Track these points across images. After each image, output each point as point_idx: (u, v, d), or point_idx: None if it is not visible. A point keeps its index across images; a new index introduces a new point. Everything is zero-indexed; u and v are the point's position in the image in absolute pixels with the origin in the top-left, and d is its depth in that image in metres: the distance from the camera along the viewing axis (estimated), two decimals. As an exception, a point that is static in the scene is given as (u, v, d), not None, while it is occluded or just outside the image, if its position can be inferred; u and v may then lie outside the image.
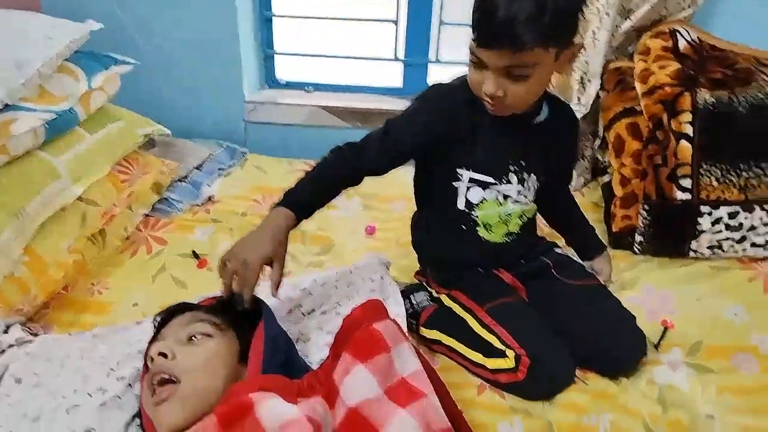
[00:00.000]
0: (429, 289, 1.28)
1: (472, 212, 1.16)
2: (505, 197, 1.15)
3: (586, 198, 1.76)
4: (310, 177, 1.07)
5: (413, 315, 1.22)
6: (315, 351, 1.03)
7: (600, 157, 1.82)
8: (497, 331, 1.08)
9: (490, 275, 1.21)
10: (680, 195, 1.44)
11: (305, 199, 1.04)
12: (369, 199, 1.73)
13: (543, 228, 1.43)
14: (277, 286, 1.00)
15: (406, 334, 0.93)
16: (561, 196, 1.31)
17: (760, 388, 1.10)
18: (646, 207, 1.49)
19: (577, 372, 1.09)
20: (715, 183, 1.42)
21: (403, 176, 1.16)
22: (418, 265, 1.34)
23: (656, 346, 1.20)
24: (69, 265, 1.32)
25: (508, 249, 1.20)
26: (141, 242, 1.54)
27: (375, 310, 0.90)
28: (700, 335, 1.23)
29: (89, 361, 1.01)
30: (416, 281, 1.33)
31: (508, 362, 1.05)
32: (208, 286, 1.36)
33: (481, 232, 1.18)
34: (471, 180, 1.14)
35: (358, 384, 0.82)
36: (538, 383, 1.04)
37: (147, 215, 1.64)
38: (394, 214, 1.71)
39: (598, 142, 1.81)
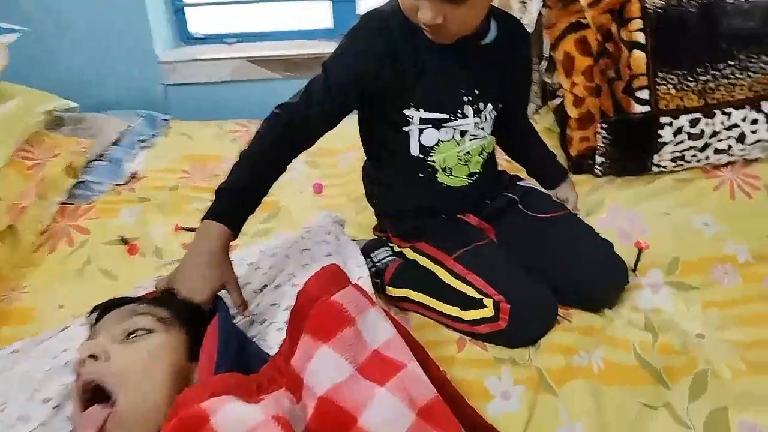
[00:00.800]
0: (390, 244, 1.17)
1: (429, 157, 1.05)
2: (462, 134, 1.04)
3: (538, 124, 1.67)
4: (247, 163, 0.94)
5: (377, 274, 1.12)
6: (274, 333, 0.91)
7: (548, 80, 1.72)
8: (471, 280, 0.99)
9: (455, 221, 1.10)
10: (639, 108, 1.36)
11: (239, 203, 0.93)
12: (312, 155, 1.59)
13: (501, 161, 1.33)
14: (242, 305, 0.92)
15: (372, 297, 0.82)
16: (518, 123, 1.21)
17: (745, 299, 1.06)
18: (605, 125, 1.41)
19: (559, 311, 1.01)
20: (673, 91, 1.35)
21: (348, 124, 1.03)
22: (376, 220, 1.22)
23: (634, 270, 1.14)
24: (-24, 273, 1.15)
25: (471, 191, 1.10)
26: (60, 235, 1.36)
27: (332, 277, 0.79)
28: (675, 251, 1.18)
29: (7, 383, 0.87)
30: (375, 237, 1.22)
31: (486, 311, 0.96)
32: (143, 273, 1.22)
33: (441, 177, 1.07)
34: (422, 120, 1.01)
35: (324, 368, 0.70)
36: (521, 328, 0.96)
37: (64, 203, 1.45)
38: (342, 167, 1.58)
39: (544, 63, 1.71)
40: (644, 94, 1.36)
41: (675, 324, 1.01)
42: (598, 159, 1.42)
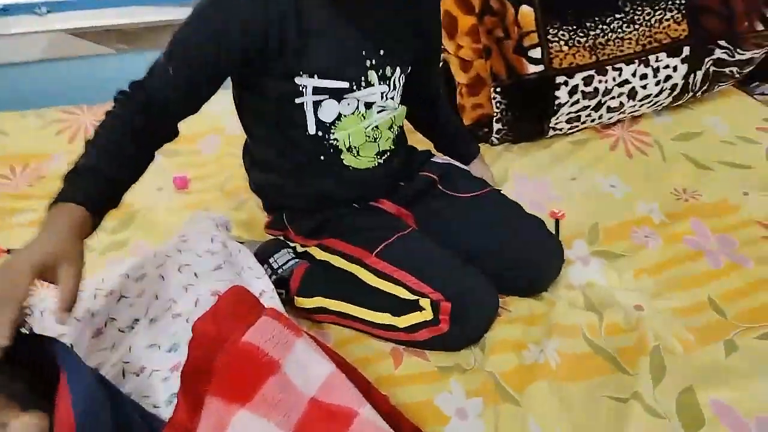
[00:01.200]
0: (292, 243, 0.97)
1: (330, 135, 0.86)
2: (368, 106, 0.86)
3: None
4: (95, 149, 0.71)
5: (279, 283, 0.91)
6: (159, 385, 0.68)
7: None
8: (400, 278, 0.83)
9: (369, 209, 0.93)
10: (532, 68, 1.28)
11: (96, 182, 0.68)
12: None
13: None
14: (70, 303, 0.59)
15: (288, 318, 0.63)
16: (429, 91, 1.05)
17: (671, 262, 1.01)
18: (498, 89, 1.30)
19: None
20: (565, 48, 1.28)
21: (209, 102, 0.81)
22: (266, 215, 1.01)
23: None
24: None
25: (383, 172, 0.93)
26: None
27: (236, 306, 0.59)
28: (591, 218, 1.12)
29: None
30: (271, 237, 1.01)
31: (425, 314, 0.82)
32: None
33: (348, 159, 0.89)
34: (317, 90, 0.82)
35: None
36: (466, 328, 0.82)
37: None
38: (207, 154, 1.33)
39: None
40: (537, 53, 1.27)
41: (613, 298, 0.93)
42: (496, 126, 1.32)
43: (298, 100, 0.83)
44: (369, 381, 0.66)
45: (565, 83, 1.28)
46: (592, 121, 1.35)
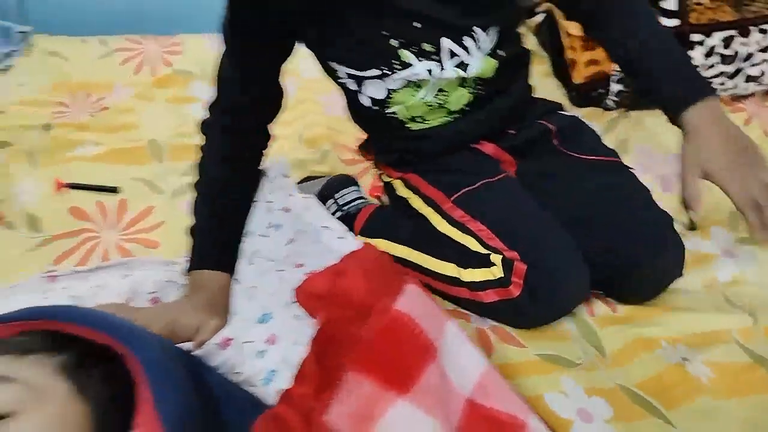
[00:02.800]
0: (357, 184, 0.90)
1: (386, 109, 0.75)
2: (420, 81, 0.72)
3: (521, 46, 1.37)
4: (205, 202, 0.73)
5: (343, 220, 0.80)
6: (251, 358, 0.56)
7: (525, -6, 1.41)
8: (473, 228, 0.71)
9: (463, 148, 0.81)
10: (665, 21, 1.10)
11: (224, 248, 0.71)
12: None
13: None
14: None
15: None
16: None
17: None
18: (622, 45, 1.13)
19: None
20: (705, 0, 1.09)
21: None
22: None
23: (692, 228, 0.89)
24: None
25: (470, 122, 0.79)
26: None
27: (382, 269, 0.46)
28: (728, 201, 0.95)
29: None
30: (326, 176, 0.93)
31: (494, 271, 0.69)
32: (13, 254, 0.81)
33: (414, 126, 0.78)
34: (351, 75, 0.72)
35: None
36: (541, 300, 0.68)
37: None
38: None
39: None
40: (671, 4, 1.09)
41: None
42: (614, 87, 1.15)
43: (341, 81, 0.73)
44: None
45: (701, 43, 1.10)
46: (725, 90, 1.17)
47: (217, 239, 0.71)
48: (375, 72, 0.70)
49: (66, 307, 0.46)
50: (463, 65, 0.71)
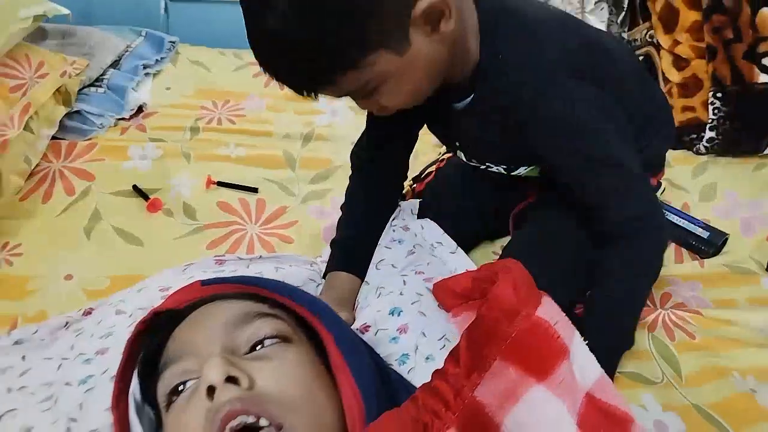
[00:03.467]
0: None
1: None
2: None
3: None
4: (351, 222, 0.89)
5: None
6: (386, 343, 0.68)
7: (626, 36, 1.50)
8: None
9: None
10: (764, 77, 1.17)
11: (360, 257, 0.85)
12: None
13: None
14: None
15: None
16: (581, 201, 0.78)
17: None
18: (720, 95, 1.20)
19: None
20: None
21: None
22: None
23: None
24: (-49, 226, 0.86)
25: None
26: (55, 179, 1.07)
27: (527, 281, 0.56)
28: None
29: (20, 396, 0.61)
30: None
31: None
32: (173, 238, 0.95)
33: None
34: None
35: (541, 417, 0.49)
36: None
37: (54, 137, 1.15)
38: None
39: (621, 15, 1.49)
40: (770, 62, 1.16)
41: None
42: (708, 134, 1.22)
43: None
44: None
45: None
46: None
47: (355, 253, 0.84)
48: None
49: (273, 280, 0.59)
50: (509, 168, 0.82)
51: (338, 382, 0.52)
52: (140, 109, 1.27)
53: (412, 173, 1.01)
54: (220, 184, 1.07)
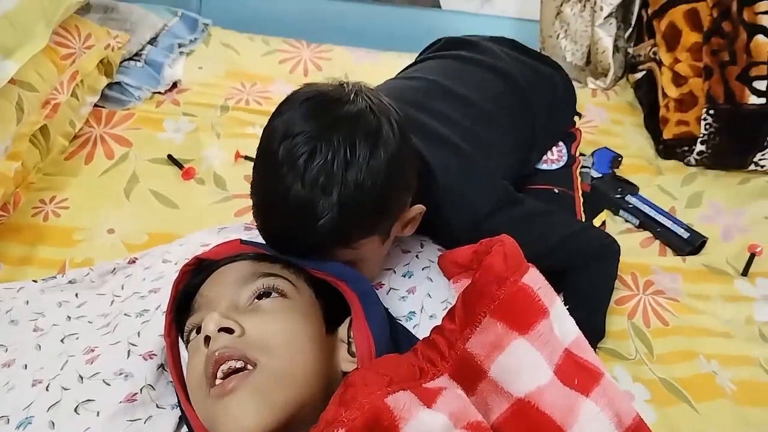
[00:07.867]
0: None
1: None
2: None
3: (620, 97, 1.55)
4: None
5: None
6: (396, 302, 0.77)
7: (631, 51, 1.59)
8: None
9: None
10: (754, 99, 1.26)
11: None
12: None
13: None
14: None
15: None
16: None
17: None
18: (712, 111, 1.30)
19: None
20: (795, 84, 1.25)
21: None
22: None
23: (744, 274, 1.06)
24: (8, 178, 0.95)
25: None
26: (96, 143, 1.16)
27: (516, 254, 0.66)
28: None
29: (82, 325, 0.70)
30: None
31: None
32: (205, 203, 1.05)
33: None
34: None
35: (521, 364, 0.59)
36: None
37: (96, 105, 1.24)
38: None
39: (629, 31, 1.58)
40: (762, 85, 1.25)
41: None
42: (698, 147, 1.32)
43: None
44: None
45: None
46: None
47: None
48: None
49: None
50: None
51: (354, 327, 0.62)
52: (174, 85, 1.36)
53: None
54: (248, 158, 1.16)
